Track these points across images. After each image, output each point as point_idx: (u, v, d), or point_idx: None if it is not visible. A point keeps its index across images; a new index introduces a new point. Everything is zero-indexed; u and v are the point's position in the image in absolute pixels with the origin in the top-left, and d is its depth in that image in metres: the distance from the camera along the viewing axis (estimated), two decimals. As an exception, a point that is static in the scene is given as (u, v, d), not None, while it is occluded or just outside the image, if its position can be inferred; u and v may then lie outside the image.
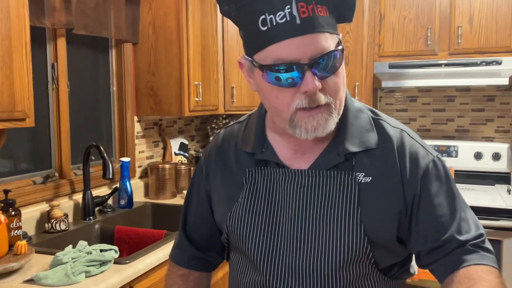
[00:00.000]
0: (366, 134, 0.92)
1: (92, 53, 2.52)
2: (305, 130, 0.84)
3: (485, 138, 3.18)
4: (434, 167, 0.92)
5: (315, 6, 0.79)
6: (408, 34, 2.96)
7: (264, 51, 0.81)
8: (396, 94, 3.36)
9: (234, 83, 3.05)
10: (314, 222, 0.89)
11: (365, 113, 0.96)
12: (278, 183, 0.93)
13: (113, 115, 2.67)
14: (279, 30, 0.78)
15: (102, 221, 2.28)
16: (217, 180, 1.03)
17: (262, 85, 0.85)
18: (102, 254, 1.62)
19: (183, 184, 2.93)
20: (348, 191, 0.89)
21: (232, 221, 0.96)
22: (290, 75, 0.79)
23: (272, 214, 0.93)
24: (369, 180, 0.89)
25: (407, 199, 0.89)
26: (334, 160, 0.90)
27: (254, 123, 1.01)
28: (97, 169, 2.44)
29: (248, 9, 0.82)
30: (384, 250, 0.91)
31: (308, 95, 0.81)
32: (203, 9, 2.79)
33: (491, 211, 2.53)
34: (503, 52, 2.78)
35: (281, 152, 0.95)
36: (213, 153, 1.07)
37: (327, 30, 0.80)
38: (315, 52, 0.79)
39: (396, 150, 0.91)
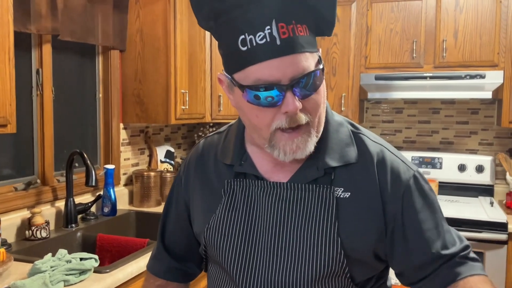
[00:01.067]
0: (346, 148, 0.92)
1: (78, 59, 2.51)
2: (283, 152, 0.84)
3: (469, 150, 3.22)
4: (415, 182, 0.92)
5: (295, 26, 0.78)
6: (394, 47, 2.99)
7: (244, 71, 0.80)
8: (382, 106, 3.39)
9: (221, 92, 3.05)
10: (292, 235, 0.89)
11: (345, 127, 0.95)
12: (256, 195, 0.93)
13: (98, 122, 2.66)
14: (259, 51, 0.77)
15: (84, 229, 2.25)
16: (196, 191, 1.02)
17: (242, 104, 0.84)
18: (82, 263, 1.61)
19: (168, 192, 2.91)
20: (326, 206, 0.88)
21: (209, 232, 0.95)
22: (271, 96, 0.79)
23: (249, 226, 0.92)
24: (347, 195, 0.89)
25: (387, 216, 0.89)
26: (314, 174, 0.90)
27: (233, 134, 1.00)
28: (80, 176, 2.42)
29: (227, 27, 0.81)
30: (360, 265, 0.90)
31: (289, 116, 0.81)
32: (191, 18, 2.79)
33: (474, 224, 2.55)
34: (487, 66, 2.82)
35: (260, 164, 0.95)
36: (193, 163, 1.06)
37: (307, 49, 0.80)
38: (295, 72, 0.78)
39: (376, 165, 0.91)
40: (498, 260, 2.52)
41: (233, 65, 0.82)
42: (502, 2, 2.77)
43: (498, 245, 2.51)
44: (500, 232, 2.50)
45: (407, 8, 2.95)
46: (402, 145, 3.34)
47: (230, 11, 0.79)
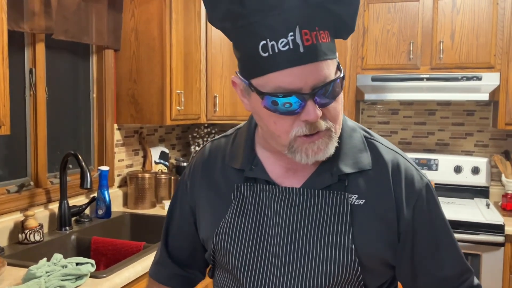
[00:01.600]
0: (360, 154, 0.91)
1: (72, 58, 2.47)
2: (306, 155, 0.82)
3: (465, 152, 3.22)
4: (427, 191, 0.91)
5: (318, 33, 0.76)
6: (391, 48, 2.98)
7: (264, 77, 0.78)
8: (378, 107, 3.38)
9: (217, 92, 3.02)
10: (304, 241, 0.87)
11: (358, 132, 0.94)
12: (267, 200, 0.91)
13: (92, 123, 2.61)
14: (281, 58, 0.75)
15: (78, 232, 2.21)
16: (203, 196, 1.00)
17: (260, 110, 0.82)
18: (78, 268, 1.57)
19: (163, 194, 2.88)
20: (340, 212, 0.87)
21: (218, 238, 0.93)
22: (291, 104, 0.77)
23: (260, 232, 0.90)
24: (362, 202, 0.88)
25: (401, 223, 0.89)
26: (328, 181, 0.88)
27: (243, 138, 0.98)
28: (74, 177, 2.38)
29: (246, 31, 0.78)
30: (374, 272, 0.89)
31: (308, 123, 0.79)
32: (187, 17, 2.76)
33: (471, 226, 2.54)
34: (484, 68, 2.82)
35: (272, 169, 0.93)
36: (199, 167, 1.03)
37: (329, 57, 0.78)
38: (317, 81, 0.77)
39: (390, 173, 0.90)
40: (495, 262, 2.52)
41: (252, 70, 0.80)
42: (499, 4, 2.77)
43: (495, 247, 2.51)
44: (496, 234, 2.50)
45: (404, 9, 2.94)
46: (397, 146, 3.32)
47: (250, 15, 0.77)
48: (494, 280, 2.52)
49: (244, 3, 0.76)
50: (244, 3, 0.76)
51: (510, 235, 2.50)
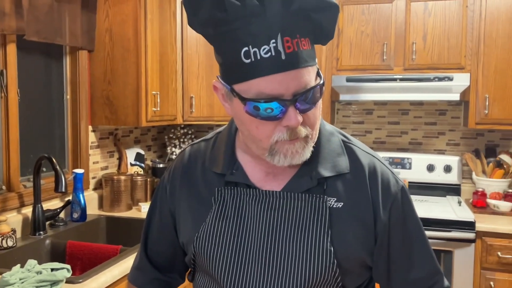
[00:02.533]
0: (338, 158, 0.92)
1: (44, 60, 2.42)
2: (284, 157, 0.84)
3: (437, 150, 3.29)
4: (403, 195, 0.94)
5: (299, 40, 0.78)
6: (365, 49, 3.02)
7: (246, 83, 0.79)
8: (352, 107, 3.43)
9: (193, 93, 3.01)
10: (284, 244, 0.88)
11: (336, 136, 0.96)
12: (248, 204, 0.92)
13: (66, 125, 2.57)
14: (263, 64, 0.77)
15: (53, 236, 2.17)
16: (183, 200, 1.00)
17: (242, 115, 0.83)
18: (53, 274, 1.55)
19: (139, 196, 2.85)
20: (319, 215, 0.88)
21: (199, 241, 0.93)
22: (273, 110, 0.78)
23: (241, 235, 0.91)
24: (340, 205, 0.90)
25: (377, 226, 0.91)
26: (307, 184, 0.90)
27: (223, 142, 0.99)
28: (48, 180, 2.34)
29: (228, 37, 0.79)
30: (352, 273, 0.91)
31: (290, 129, 0.81)
32: (162, 17, 2.74)
33: (443, 223, 2.61)
34: (455, 68, 2.89)
35: (252, 173, 0.94)
36: (178, 171, 1.03)
37: (309, 64, 0.80)
38: (298, 87, 0.79)
39: (367, 177, 0.92)
40: (466, 258, 2.59)
41: (234, 76, 0.81)
42: (468, 6, 2.84)
43: (466, 243, 2.58)
44: (468, 231, 2.57)
45: (378, 10, 2.99)
46: (372, 145, 3.38)
47: (233, 21, 0.77)
48: (466, 276, 2.59)
49: (227, 9, 0.77)
50: (227, 9, 0.77)
51: (480, 231, 2.57)
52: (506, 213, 2.78)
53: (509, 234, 2.54)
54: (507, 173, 2.95)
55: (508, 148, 3.16)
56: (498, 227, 2.56)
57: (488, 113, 2.84)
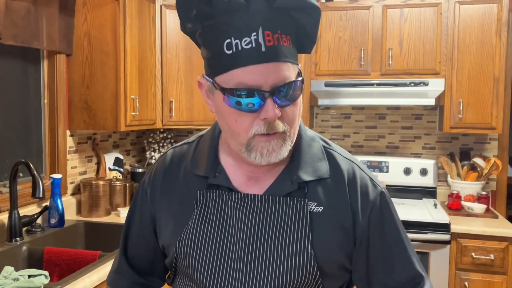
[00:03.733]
0: (319, 163, 0.94)
1: (21, 64, 2.39)
2: (260, 154, 0.85)
3: (414, 154, 3.36)
4: (382, 200, 0.95)
5: (280, 36, 0.81)
6: (343, 54, 3.07)
7: (227, 74, 0.81)
8: (331, 111, 3.47)
9: (173, 97, 3.01)
10: (265, 247, 0.90)
11: (317, 141, 0.98)
12: (230, 207, 0.93)
13: (43, 129, 2.54)
14: (244, 55, 0.79)
15: (30, 242, 2.14)
16: (164, 203, 1.00)
17: (222, 108, 0.85)
18: (31, 281, 1.53)
19: (118, 201, 2.83)
20: (300, 219, 0.90)
21: (181, 245, 0.93)
22: (251, 100, 0.80)
23: (222, 238, 0.92)
24: (320, 210, 0.91)
25: (356, 231, 0.93)
26: (288, 188, 0.92)
27: (206, 145, 0.99)
28: (25, 186, 2.31)
29: (213, 30, 0.82)
30: (332, 276, 0.93)
31: (267, 122, 0.82)
32: (141, 22, 2.74)
33: (420, 225, 2.66)
34: (430, 74, 2.96)
35: (234, 177, 0.95)
36: (160, 174, 1.03)
37: (289, 60, 0.82)
38: (277, 80, 0.81)
39: (347, 182, 0.94)
40: (441, 259, 2.65)
41: (216, 68, 0.84)
42: (442, 13, 2.92)
43: (442, 245, 2.64)
44: (443, 233, 2.63)
45: (355, 16, 3.04)
46: (350, 149, 3.43)
47: (218, 15, 0.81)
48: (442, 276, 2.64)
49: (212, 3, 0.80)
50: (212, 3, 0.80)
51: (455, 233, 2.63)
52: (480, 215, 2.85)
53: (483, 235, 2.61)
54: (480, 176, 3.02)
55: (481, 152, 3.24)
56: (472, 229, 2.62)
57: (462, 118, 2.91)
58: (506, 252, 2.59)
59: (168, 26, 2.96)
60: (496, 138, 3.23)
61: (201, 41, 0.87)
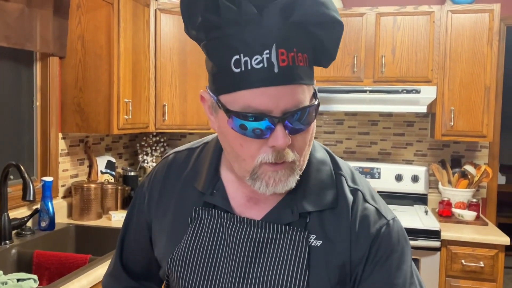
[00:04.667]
0: (325, 191, 0.85)
1: (14, 65, 2.38)
2: (266, 184, 0.78)
3: (405, 161, 3.38)
4: (386, 233, 0.85)
5: (296, 55, 0.72)
6: (336, 61, 3.08)
7: (233, 94, 0.73)
8: (324, 117, 3.49)
9: (166, 101, 3.01)
10: (259, 277, 0.83)
11: (327, 165, 0.89)
12: (225, 229, 0.87)
13: (35, 132, 2.53)
14: (253, 76, 0.70)
15: (19, 245, 2.13)
16: (160, 213, 0.96)
17: (226, 130, 0.77)
18: (19, 284, 1.52)
19: (110, 205, 2.82)
20: (298, 252, 0.83)
21: (173, 264, 0.90)
22: (259, 126, 0.72)
23: (215, 262, 0.87)
24: (319, 244, 0.83)
25: (352, 267, 0.84)
26: (288, 218, 0.84)
27: (209, 156, 0.93)
28: (15, 188, 2.29)
29: (220, 43, 0.73)
30: None
31: (276, 150, 0.74)
32: (136, 25, 2.74)
33: (411, 232, 2.67)
34: (422, 82, 2.98)
35: (233, 196, 0.88)
36: (159, 180, 0.98)
37: (305, 82, 0.73)
38: (290, 105, 0.72)
39: (350, 213, 0.85)
40: (432, 266, 2.66)
41: (221, 86, 0.75)
42: (435, 22, 2.94)
43: (432, 252, 2.66)
44: (434, 239, 2.64)
45: (349, 23, 3.06)
46: (342, 155, 3.44)
47: (225, 27, 0.72)
48: (432, 283, 2.66)
49: (220, 12, 0.71)
50: (220, 12, 0.71)
51: (445, 240, 2.65)
52: (470, 222, 2.87)
53: (473, 242, 2.63)
54: (471, 184, 3.05)
55: (472, 159, 3.27)
56: (463, 236, 2.64)
57: (454, 125, 2.94)
58: (495, 259, 2.61)
59: (162, 30, 2.97)
60: (487, 146, 3.26)
61: (205, 52, 0.77)
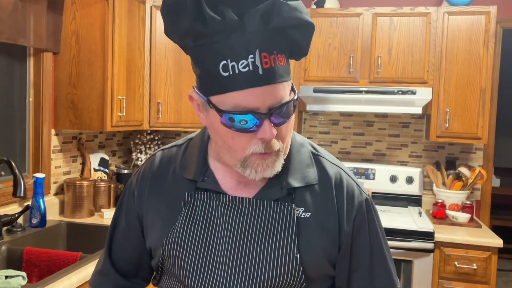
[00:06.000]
0: (307, 169, 0.96)
1: (7, 61, 2.36)
2: (255, 171, 0.87)
3: (400, 162, 3.37)
4: (367, 206, 0.97)
5: (276, 56, 0.81)
6: (332, 61, 3.08)
7: (223, 95, 0.81)
8: (319, 117, 3.48)
9: (161, 99, 2.99)
10: (252, 249, 0.91)
11: (306, 147, 0.99)
12: (217, 209, 0.94)
13: (28, 128, 2.51)
14: (241, 78, 0.79)
15: (9, 242, 2.11)
16: (151, 205, 1.00)
17: (218, 126, 0.85)
18: (8, 281, 1.50)
19: (102, 202, 2.80)
20: (287, 223, 0.91)
21: (168, 245, 0.94)
22: (249, 122, 0.81)
23: (209, 239, 0.92)
24: (308, 215, 0.93)
25: (341, 236, 0.94)
26: (277, 194, 0.93)
27: (196, 148, 1.00)
28: (6, 185, 2.27)
29: (207, 50, 0.81)
30: (317, 280, 0.95)
31: (264, 142, 0.84)
32: (131, 22, 2.72)
33: (404, 233, 2.66)
34: (418, 83, 2.97)
35: (223, 181, 0.95)
36: (148, 176, 1.03)
37: (285, 79, 0.83)
38: (274, 101, 0.81)
39: (334, 188, 0.95)
40: (425, 267, 2.66)
41: (211, 88, 0.83)
42: (431, 23, 2.94)
43: (426, 253, 2.65)
44: (427, 241, 2.64)
45: (345, 24, 3.05)
46: (337, 156, 3.43)
47: (212, 35, 0.79)
48: (425, 285, 2.65)
49: (207, 23, 0.78)
50: (207, 23, 0.78)
51: (439, 241, 2.65)
52: (464, 224, 2.87)
53: (466, 244, 2.62)
54: (465, 186, 3.04)
55: (467, 161, 3.27)
56: (456, 238, 2.64)
57: (449, 127, 2.93)
58: (488, 261, 2.61)
59: (158, 27, 2.95)
60: (482, 148, 3.26)
61: (192, 57, 0.86)
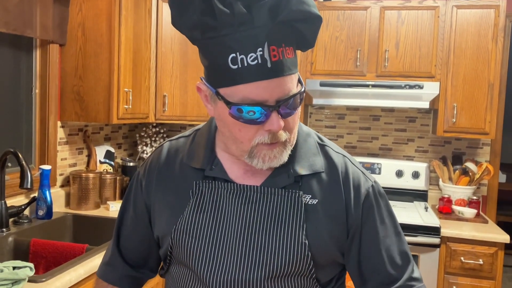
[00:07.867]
0: (314, 157, 0.97)
1: (13, 52, 2.35)
2: (262, 161, 0.88)
3: (406, 157, 3.36)
4: (373, 192, 0.98)
5: (284, 49, 0.82)
6: (339, 54, 3.06)
7: (232, 88, 0.82)
8: (325, 111, 3.46)
9: (167, 92, 2.98)
10: (260, 235, 0.91)
11: (312, 137, 1.01)
12: (225, 197, 0.95)
13: (34, 119, 2.51)
14: (250, 71, 0.80)
15: (16, 234, 2.11)
16: (160, 194, 1.01)
17: (225, 117, 0.86)
18: (15, 272, 1.50)
19: (108, 194, 2.80)
20: (295, 210, 0.92)
21: (177, 233, 0.95)
22: (257, 114, 0.82)
23: (218, 227, 0.93)
24: (315, 202, 0.94)
25: (349, 222, 0.95)
26: (284, 181, 0.94)
27: (203, 139, 1.01)
28: (13, 176, 2.27)
29: (216, 42, 0.81)
30: (325, 266, 0.96)
31: (271, 133, 0.85)
32: (137, 14, 2.71)
33: (410, 228, 2.66)
34: (425, 77, 2.95)
35: (231, 170, 0.96)
36: (155, 166, 1.04)
37: (292, 72, 0.84)
38: (282, 94, 0.83)
39: (340, 175, 0.97)
40: (431, 262, 2.65)
41: (220, 80, 0.84)
42: (440, 17, 2.91)
43: (432, 248, 2.64)
44: (433, 236, 2.63)
45: (353, 17, 3.03)
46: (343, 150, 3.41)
47: (221, 28, 0.80)
48: (430, 280, 2.65)
49: (216, 16, 0.79)
50: (216, 16, 0.79)
51: (445, 237, 2.64)
52: (470, 219, 2.86)
53: (472, 239, 2.61)
54: (472, 181, 3.03)
55: (473, 157, 3.25)
56: (462, 233, 2.63)
57: (456, 122, 2.91)
58: (495, 257, 2.60)
59: (164, 19, 2.93)
60: (489, 143, 3.24)
61: (200, 49, 0.86)
